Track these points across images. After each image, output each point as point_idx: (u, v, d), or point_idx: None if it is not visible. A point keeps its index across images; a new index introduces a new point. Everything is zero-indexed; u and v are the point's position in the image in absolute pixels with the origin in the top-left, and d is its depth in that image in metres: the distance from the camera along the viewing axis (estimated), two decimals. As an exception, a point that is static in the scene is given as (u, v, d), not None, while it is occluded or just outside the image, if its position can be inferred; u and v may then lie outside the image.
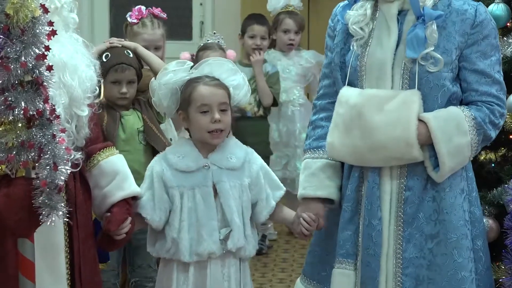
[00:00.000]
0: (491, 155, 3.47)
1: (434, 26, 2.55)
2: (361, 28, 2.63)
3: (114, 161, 2.74)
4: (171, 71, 2.85)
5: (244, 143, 2.97)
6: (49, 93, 2.30)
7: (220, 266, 2.83)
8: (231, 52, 4.58)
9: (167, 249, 2.81)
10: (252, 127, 4.89)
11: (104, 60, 3.47)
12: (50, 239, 2.49)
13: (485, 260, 2.72)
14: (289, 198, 3.40)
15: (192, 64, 2.90)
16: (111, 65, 3.41)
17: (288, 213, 2.98)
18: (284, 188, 2.98)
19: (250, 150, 2.95)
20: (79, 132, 2.54)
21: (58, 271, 2.51)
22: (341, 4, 2.76)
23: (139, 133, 3.47)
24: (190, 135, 2.93)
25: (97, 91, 2.61)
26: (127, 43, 3.61)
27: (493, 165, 3.43)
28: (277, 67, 5.09)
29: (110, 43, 3.55)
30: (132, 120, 3.47)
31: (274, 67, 5.06)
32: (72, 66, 2.48)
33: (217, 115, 2.78)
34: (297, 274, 4.62)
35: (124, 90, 3.38)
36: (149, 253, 2.95)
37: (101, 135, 2.78)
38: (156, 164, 2.86)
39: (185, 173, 2.81)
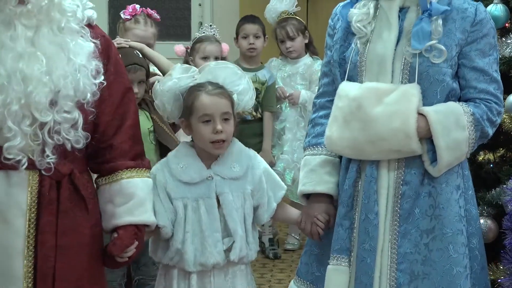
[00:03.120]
0: (490, 156, 3.48)
1: (440, 21, 2.57)
2: (364, 27, 2.64)
3: (136, 183, 2.62)
4: (175, 78, 2.80)
5: (245, 145, 2.93)
6: None
7: (223, 274, 2.81)
8: (225, 46, 4.55)
9: (171, 258, 2.79)
10: (252, 129, 4.88)
11: None
12: (3, 240, 2.44)
13: (481, 259, 2.71)
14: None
15: (196, 70, 2.85)
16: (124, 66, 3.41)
17: (292, 212, 2.96)
18: (286, 187, 2.95)
19: (253, 154, 2.91)
20: (52, 136, 2.43)
21: (11, 273, 2.45)
22: (342, 3, 2.77)
23: (150, 133, 3.48)
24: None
25: (88, 97, 2.49)
26: (133, 43, 3.61)
27: (491, 165, 3.44)
28: (274, 76, 5.06)
29: (117, 43, 3.55)
30: (143, 120, 3.47)
31: (272, 77, 5.03)
32: (29, 71, 2.38)
33: (219, 126, 2.74)
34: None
35: (136, 90, 3.38)
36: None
37: (135, 151, 2.65)
38: (158, 173, 2.80)
39: (189, 184, 2.78)
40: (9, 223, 2.45)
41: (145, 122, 3.46)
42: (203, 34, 4.43)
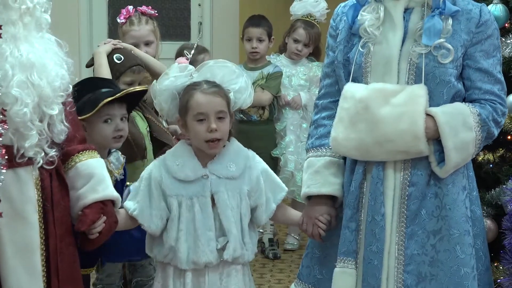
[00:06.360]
0: (489, 156, 3.48)
1: (450, 20, 2.58)
2: (375, 30, 2.64)
3: (90, 164, 2.68)
4: (172, 77, 2.80)
5: (250, 147, 2.92)
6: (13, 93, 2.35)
7: (218, 273, 2.81)
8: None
9: (165, 255, 2.80)
10: (258, 131, 4.85)
11: (117, 61, 3.47)
12: (24, 237, 2.48)
13: (485, 260, 2.72)
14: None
15: (193, 68, 2.84)
16: (128, 66, 3.41)
17: (293, 213, 2.95)
18: (286, 189, 2.93)
19: (252, 154, 2.89)
20: (51, 130, 2.51)
21: (34, 268, 2.50)
22: (343, 4, 2.77)
23: (148, 133, 3.47)
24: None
25: (70, 89, 2.58)
26: (124, 45, 3.61)
27: (491, 165, 3.44)
28: (280, 68, 5.02)
29: (113, 44, 3.55)
30: (141, 121, 3.47)
31: (277, 67, 5.00)
32: (41, 66, 2.45)
33: (213, 125, 2.73)
34: (295, 274, 4.62)
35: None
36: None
37: (79, 136, 2.72)
38: (155, 169, 2.81)
39: (184, 182, 2.78)
40: (27, 220, 2.49)
41: (141, 123, 3.46)
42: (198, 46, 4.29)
